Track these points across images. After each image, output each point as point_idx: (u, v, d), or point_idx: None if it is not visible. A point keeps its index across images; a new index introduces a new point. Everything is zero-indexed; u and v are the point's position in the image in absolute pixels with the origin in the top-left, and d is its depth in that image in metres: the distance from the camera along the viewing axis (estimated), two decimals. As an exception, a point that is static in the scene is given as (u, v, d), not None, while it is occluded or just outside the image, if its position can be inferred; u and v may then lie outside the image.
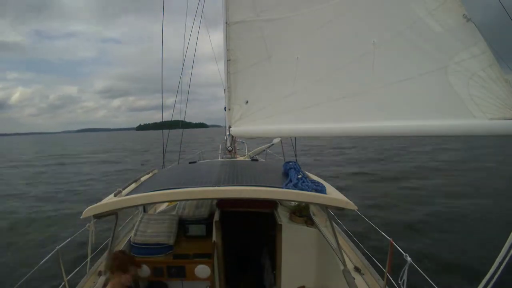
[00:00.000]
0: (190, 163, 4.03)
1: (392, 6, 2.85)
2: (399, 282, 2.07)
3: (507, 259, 1.49)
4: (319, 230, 3.10)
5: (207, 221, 3.28)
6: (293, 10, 3.61)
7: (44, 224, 8.92)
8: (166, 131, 6.26)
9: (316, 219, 3.39)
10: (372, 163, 18.28)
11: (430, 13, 2.54)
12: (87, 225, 2.47)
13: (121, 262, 2.35)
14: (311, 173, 3.13)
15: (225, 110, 4.63)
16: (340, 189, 2.52)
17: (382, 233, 2.73)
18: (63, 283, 2.43)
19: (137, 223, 3.18)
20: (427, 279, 2.19)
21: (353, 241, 3.39)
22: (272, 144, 6.12)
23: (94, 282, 2.56)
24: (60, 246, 2.45)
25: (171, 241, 3.00)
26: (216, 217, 3.13)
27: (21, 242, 7.50)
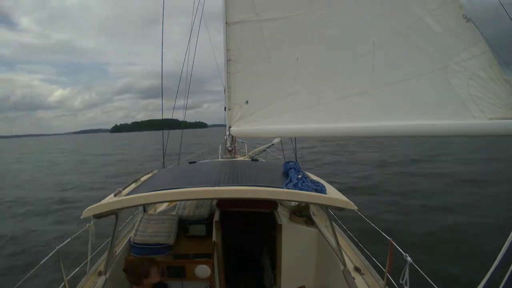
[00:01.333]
0: (190, 163, 4.03)
1: (392, 6, 2.85)
2: (401, 282, 2.07)
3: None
4: (319, 230, 3.10)
5: (207, 221, 3.28)
6: (293, 10, 3.61)
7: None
8: (166, 132, 6.26)
9: (316, 219, 3.38)
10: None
11: (430, 13, 2.54)
12: (87, 225, 2.47)
13: (139, 270, 2.32)
14: (311, 173, 3.13)
15: (225, 110, 4.63)
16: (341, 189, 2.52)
17: (382, 233, 2.73)
18: (63, 283, 2.43)
19: (137, 223, 3.18)
20: (427, 279, 2.18)
21: (353, 241, 3.39)
22: (272, 144, 6.13)
23: (94, 282, 2.55)
24: (60, 246, 2.44)
25: (171, 241, 3.00)
26: (216, 217, 3.12)
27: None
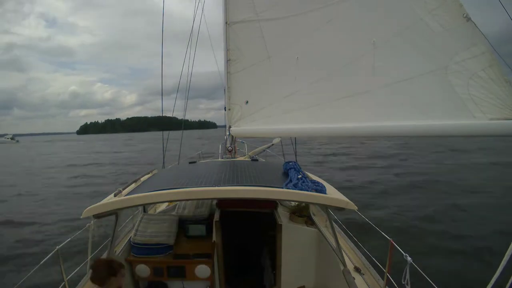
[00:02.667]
0: (190, 163, 4.02)
1: (392, 6, 2.85)
2: (403, 282, 2.06)
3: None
4: (319, 230, 3.10)
5: (207, 221, 3.28)
6: (293, 10, 3.61)
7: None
8: (166, 132, 6.25)
9: (316, 219, 3.39)
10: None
11: (430, 13, 2.54)
12: (87, 225, 2.47)
13: (101, 272, 2.11)
14: (311, 173, 3.12)
15: (225, 110, 4.63)
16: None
17: (382, 233, 2.73)
18: (63, 283, 2.43)
19: (137, 223, 3.17)
20: (427, 279, 2.18)
21: (353, 241, 3.38)
22: (272, 144, 6.12)
23: None
24: (60, 246, 2.44)
25: (171, 241, 3.00)
26: (216, 217, 3.12)
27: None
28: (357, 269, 2.68)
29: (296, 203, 3.42)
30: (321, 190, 2.31)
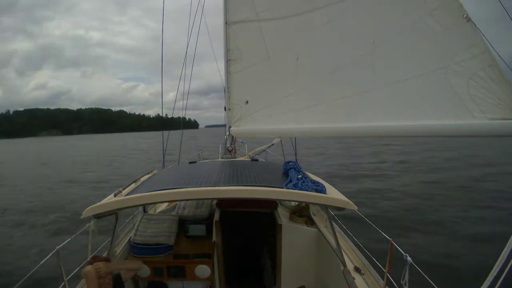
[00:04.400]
0: (190, 163, 4.02)
1: (392, 6, 2.85)
2: (402, 282, 2.06)
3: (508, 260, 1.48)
4: (319, 230, 3.10)
5: (207, 221, 3.28)
6: (293, 10, 3.61)
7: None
8: (166, 132, 6.26)
9: (316, 219, 3.38)
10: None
11: (430, 13, 2.54)
12: (87, 225, 2.46)
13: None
14: (311, 173, 3.12)
15: (225, 110, 4.63)
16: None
17: (382, 233, 2.72)
18: (63, 283, 2.43)
19: (137, 223, 3.17)
20: (427, 279, 2.18)
21: (353, 241, 3.38)
22: (272, 144, 6.13)
23: None
24: (60, 246, 2.44)
25: (171, 241, 2.99)
26: (216, 217, 3.12)
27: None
28: (357, 269, 2.68)
29: (296, 203, 3.42)
30: (321, 190, 2.31)
